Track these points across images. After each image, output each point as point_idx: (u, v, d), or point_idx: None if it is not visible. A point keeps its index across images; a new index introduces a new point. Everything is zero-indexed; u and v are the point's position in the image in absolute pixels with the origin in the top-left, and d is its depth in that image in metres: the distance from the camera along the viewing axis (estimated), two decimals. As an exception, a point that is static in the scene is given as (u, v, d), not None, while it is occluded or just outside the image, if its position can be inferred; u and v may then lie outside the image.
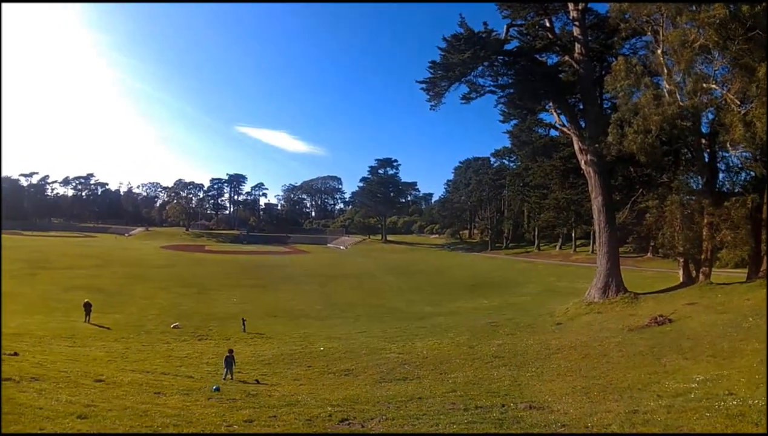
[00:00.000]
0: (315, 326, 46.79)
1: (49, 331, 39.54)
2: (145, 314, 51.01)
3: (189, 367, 28.77)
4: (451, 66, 45.03)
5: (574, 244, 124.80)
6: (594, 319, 38.59)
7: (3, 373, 19.95)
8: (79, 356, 29.79)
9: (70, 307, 50.86)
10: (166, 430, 13.04)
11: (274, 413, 15.84)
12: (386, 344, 34.44)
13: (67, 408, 14.83)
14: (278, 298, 65.52)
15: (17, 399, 15.53)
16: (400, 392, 20.69)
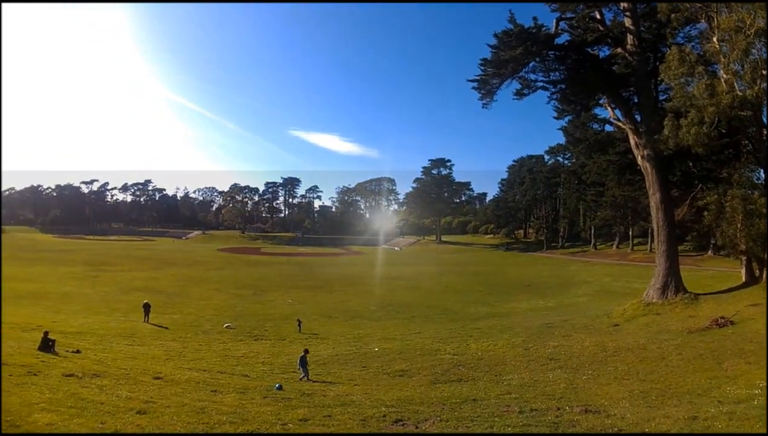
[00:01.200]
0: (370, 326, 46.71)
1: (109, 330, 40.35)
2: (202, 314, 51.65)
3: (245, 366, 29.02)
4: (502, 63, 44.40)
5: (632, 242, 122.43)
6: (652, 320, 37.72)
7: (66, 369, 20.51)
8: (138, 354, 30.40)
9: (130, 307, 51.93)
10: (222, 427, 13.19)
11: (329, 412, 15.92)
12: (441, 345, 34.15)
13: (127, 404, 15.17)
14: (333, 299, 65.60)
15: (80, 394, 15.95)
16: (455, 393, 20.59)
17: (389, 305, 59.80)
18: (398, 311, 55.53)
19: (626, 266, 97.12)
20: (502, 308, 56.20)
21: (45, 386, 16.90)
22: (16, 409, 12.94)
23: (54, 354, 25.78)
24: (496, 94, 47.20)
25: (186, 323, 46.43)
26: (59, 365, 22.54)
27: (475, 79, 46.80)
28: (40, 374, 19.18)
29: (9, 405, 13.22)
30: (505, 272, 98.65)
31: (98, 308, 52.67)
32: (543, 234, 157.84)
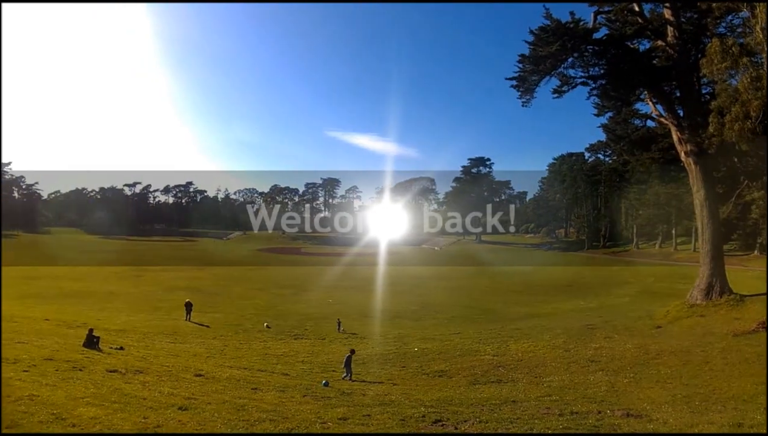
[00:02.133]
0: (409, 326, 46.64)
1: (152, 328, 41.00)
2: (242, 313, 52.12)
3: (285, 365, 29.18)
4: (540, 59, 43.66)
5: (675, 242, 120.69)
6: (696, 322, 37.00)
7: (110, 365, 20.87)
8: (180, 352, 30.80)
9: (172, 306, 52.69)
10: (262, 425, 13.27)
11: (368, 412, 15.92)
12: (480, 346, 33.95)
13: (169, 399, 15.36)
14: (373, 298, 65.37)
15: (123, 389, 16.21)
16: (494, 394, 20.46)
17: (429, 304, 59.63)
18: (438, 311, 55.28)
19: (669, 266, 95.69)
20: (542, 309, 55.66)
21: (90, 381, 17.27)
22: (62, 402, 13.24)
23: (98, 351, 26.31)
24: (536, 91, 46.51)
25: (227, 322, 46.92)
26: (103, 361, 22.97)
27: (514, 76, 46.27)
28: (85, 370, 19.59)
29: (55, 399, 13.54)
30: (546, 272, 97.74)
31: (141, 307, 53.63)
32: (584, 233, 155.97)
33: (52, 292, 61.96)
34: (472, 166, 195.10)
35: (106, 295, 62.08)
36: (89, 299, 58.16)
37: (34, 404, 12.55)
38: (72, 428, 10.81)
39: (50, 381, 16.40)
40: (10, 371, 17.03)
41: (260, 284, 77.76)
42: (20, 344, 24.77)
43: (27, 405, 12.41)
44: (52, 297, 57.65)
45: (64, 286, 67.73)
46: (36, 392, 14.00)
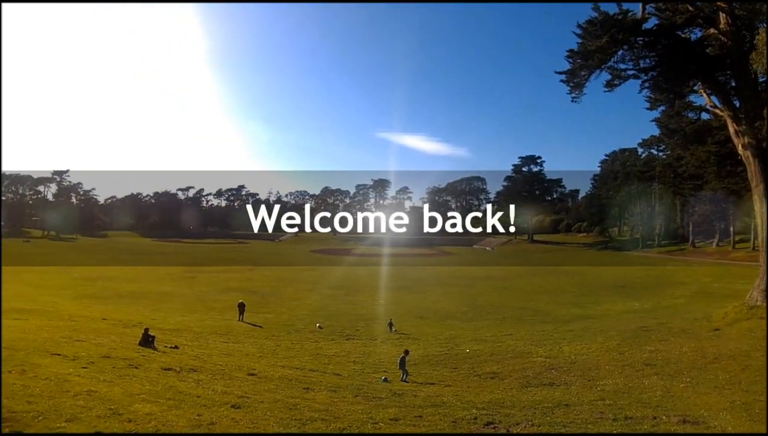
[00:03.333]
0: (461, 327, 46.29)
1: (205, 328, 41.58)
2: (294, 314, 52.53)
3: (336, 365, 29.30)
4: (589, 53, 42.66)
5: (733, 240, 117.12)
6: (756, 325, 35.72)
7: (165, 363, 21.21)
8: (233, 351, 31.18)
9: (225, 306, 53.48)
10: (314, 424, 13.32)
11: (420, 413, 15.85)
12: (532, 348, 33.51)
13: (222, 398, 15.54)
14: (424, 299, 65.42)
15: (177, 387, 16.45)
16: (547, 397, 20.17)
17: (480, 305, 59.25)
18: (489, 312, 54.90)
19: (727, 266, 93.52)
20: (595, 310, 54.84)
21: (145, 379, 17.60)
22: (119, 398, 13.51)
23: (153, 349, 26.83)
24: (586, 86, 45.60)
25: (279, 322, 47.34)
26: (158, 359, 23.39)
27: (563, 71, 45.51)
28: (141, 367, 19.98)
29: (112, 395, 13.82)
30: (599, 272, 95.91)
31: (195, 307, 54.51)
32: (638, 232, 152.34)
33: (109, 292, 63.35)
34: (522, 164, 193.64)
35: (161, 295, 63.26)
36: (144, 299, 59.34)
37: (92, 399, 12.85)
38: (128, 423, 11.01)
39: (107, 378, 16.76)
40: (69, 368, 17.50)
41: (312, 284, 78.24)
42: (79, 342, 25.46)
43: (85, 400, 12.70)
44: (109, 297, 58.96)
45: (120, 287, 69.17)
46: (94, 388, 14.33)
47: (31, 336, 25.21)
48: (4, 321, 31.93)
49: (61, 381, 14.92)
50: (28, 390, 13.07)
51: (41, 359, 18.71)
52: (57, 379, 15.12)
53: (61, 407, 11.69)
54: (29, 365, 17.02)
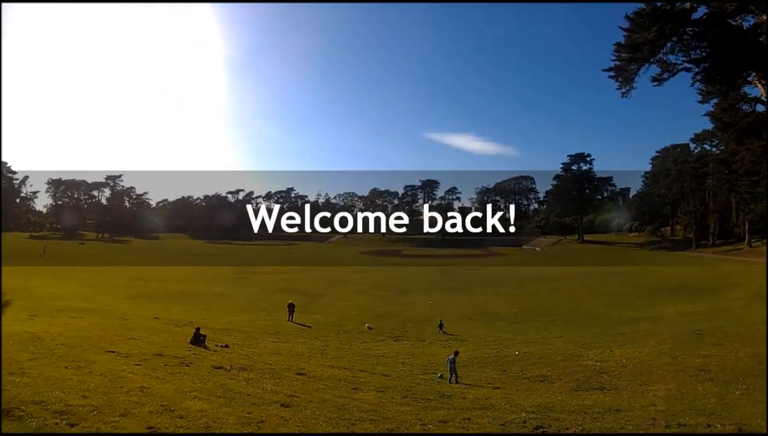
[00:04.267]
0: (510, 329, 45.92)
1: (255, 327, 42.11)
2: (343, 314, 52.76)
3: (385, 366, 29.29)
4: (637, 46, 41.56)
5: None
6: (817, 330, 34.97)
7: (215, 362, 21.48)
8: (282, 351, 31.48)
9: (275, 307, 53.96)
10: (362, 424, 13.35)
11: (468, 415, 15.77)
12: (583, 351, 32.95)
13: (272, 396, 15.68)
14: (473, 300, 64.98)
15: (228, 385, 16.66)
16: (597, 402, 19.83)
17: (530, 307, 58.54)
18: (539, 314, 54.16)
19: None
20: (647, 312, 53.63)
21: (196, 376, 17.90)
22: (171, 395, 13.75)
23: (204, 348, 27.27)
24: (635, 80, 44.54)
25: (328, 323, 47.60)
26: (209, 357, 23.77)
27: (611, 67, 44.59)
28: (192, 365, 20.32)
29: (164, 391, 14.08)
30: (651, 273, 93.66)
31: (245, 307, 55.17)
32: (691, 231, 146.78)
33: (161, 292, 64.44)
34: (571, 162, 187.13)
35: (212, 296, 64.16)
36: (196, 299, 60.25)
37: (144, 396, 13.13)
38: (179, 420, 11.18)
39: (160, 375, 17.10)
40: (123, 365, 17.92)
41: (361, 285, 78.39)
42: (132, 340, 26.02)
43: (138, 396, 12.97)
44: (161, 297, 59.98)
45: (172, 287, 70.33)
46: (147, 385, 14.64)
47: (87, 334, 25.90)
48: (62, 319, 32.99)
49: (116, 377, 15.26)
50: (84, 385, 13.42)
51: (96, 356, 19.20)
52: (111, 375, 15.49)
53: (115, 402, 11.94)
54: (85, 361, 17.47)
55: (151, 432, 10.18)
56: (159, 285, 72.33)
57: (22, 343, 19.91)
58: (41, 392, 11.89)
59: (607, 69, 44.85)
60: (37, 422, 9.66)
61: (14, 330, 23.12)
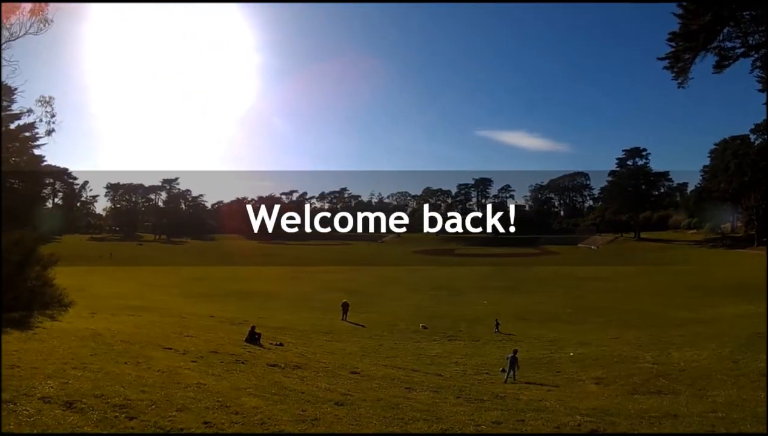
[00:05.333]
0: (565, 329, 45.20)
1: (310, 326, 42.43)
2: (397, 314, 52.79)
3: (438, 366, 29.25)
4: (692, 34, 40.02)
5: None
6: None
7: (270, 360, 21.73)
8: (336, 350, 31.66)
9: (329, 306, 54.29)
10: (416, 424, 13.31)
11: (522, 417, 15.56)
12: (639, 353, 32.31)
13: (326, 395, 15.76)
14: (527, 300, 64.64)
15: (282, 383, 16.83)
16: (654, 406, 19.33)
17: (585, 307, 57.83)
18: (594, 314, 53.41)
19: None
20: (706, 313, 52.12)
21: (252, 374, 18.16)
22: (227, 391, 13.96)
23: (259, 346, 27.68)
24: (691, 70, 43.12)
25: (382, 322, 47.69)
26: (264, 355, 24.09)
27: (666, 56, 43.29)
28: (247, 363, 20.61)
29: (220, 388, 14.31)
30: (710, 272, 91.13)
31: (299, 306, 55.79)
32: (753, 228, 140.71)
33: (217, 291, 65.57)
34: (627, 157, 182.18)
35: (267, 295, 65.01)
36: (251, 298, 61.18)
37: (201, 392, 13.34)
38: (235, 415, 11.33)
39: (215, 372, 17.38)
40: (180, 361, 18.30)
41: (415, 285, 78.51)
42: (188, 337, 26.55)
43: (195, 392, 13.20)
44: (217, 296, 61.04)
45: (227, 286, 71.49)
46: (203, 381, 14.90)
47: (145, 331, 26.51)
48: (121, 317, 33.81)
49: (173, 373, 15.57)
50: (142, 380, 13.72)
51: (154, 352, 19.63)
52: (169, 371, 15.81)
53: (173, 397, 12.17)
54: (143, 357, 17.88)
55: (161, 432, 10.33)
56: (215, 284, 73.69)
57: (84, 339, 20.47)
58: (101, 386, 12.21)
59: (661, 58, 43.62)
60: (98, 414, 9.92)
61: (76, 327, 23.86)
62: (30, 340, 18.79)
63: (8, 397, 10.25)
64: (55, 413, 9.66)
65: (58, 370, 13.79)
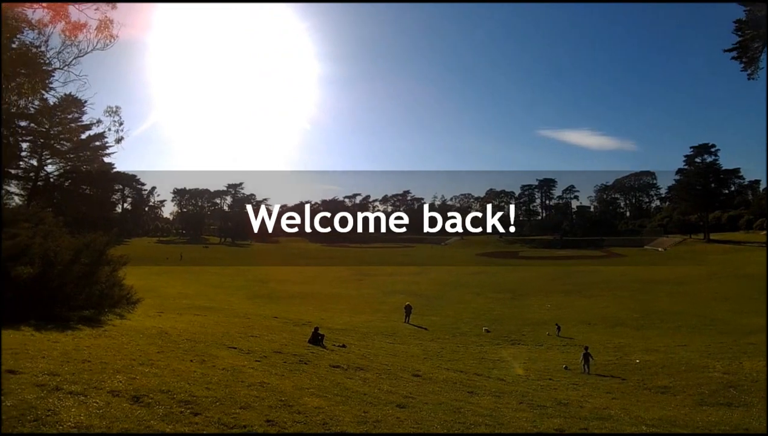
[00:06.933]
0: (631, 335, 44.43)
1: (372, 328, 42.69)
2: (460, 317, 52.61)
3: (501, 370, 29.05)
4: (760, 21, 38.60)
5: None
6: None
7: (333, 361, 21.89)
8: (398, 352, 31.77)
9: (391, 308, 54.59)
10: (478, 429, 13.22)
11: (585, 425, 15.32)
12: (709, 361, 31.34)
13: (388, 397, 15.80)
14: (593, 304, 63.30)
15: (345, 384, 16.94)
16: (723, 419, 18.68)
17: (652, 312, 56.33)
18: (662, 320, 52.04)
19: None
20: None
21: (314, 374, 18.31)
22: (289, 391, 14.10)
23: (322, 347, 28.00)
24: (761, 60, 41.41)
25: (444, 325, 47.59)
26: (327, 356, 24.30)
27: (733, 47, 41.77)
28: (310, 364, 20.81)
29: (283, 387, 14.47)
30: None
31: (362, 308, 56.05)
32: None
33: (281, 293, 66.43)
34: (695, 154, 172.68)
35: (330, 297, 65.51)
36: (314, 300, 61.76)
37: (264, 390, 13.51)
38: (297, 415, 11.41)
39: (279, 371, 17.60)
40: (244, 360, 18.62)
41: (478, 288, 77.94)
42: (253, 337, 27.02)
43: (258, 391, 13.37)
44: (281, 298, 61.86)
45: (291, 288, 72.42)
46: (266, 380, 15.08)
47: (210, 330, 27.04)
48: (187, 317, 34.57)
49: (237, 372, 15.81)
50: (207, 378, 13.97)
51: (219, 351, 19.99)
52: (233, 370, 16.07)
53: (236, 395, 12.35)
54: (208, 356, 18.23)
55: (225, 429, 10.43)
56: (278, 286, 74.67)
57: (151, 337, 20.99)
58: (168, 383, 12.47)
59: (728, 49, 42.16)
60: (164, 409, 10.13)
61: (144, 325, 24.54)
62: (100, 336, 19.43)
63: (79, 389, 10.61)
64: (122, 407, 9.90)
65: (127, 366, 14.18)
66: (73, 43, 30.11)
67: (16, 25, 30.52)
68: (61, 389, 10.46)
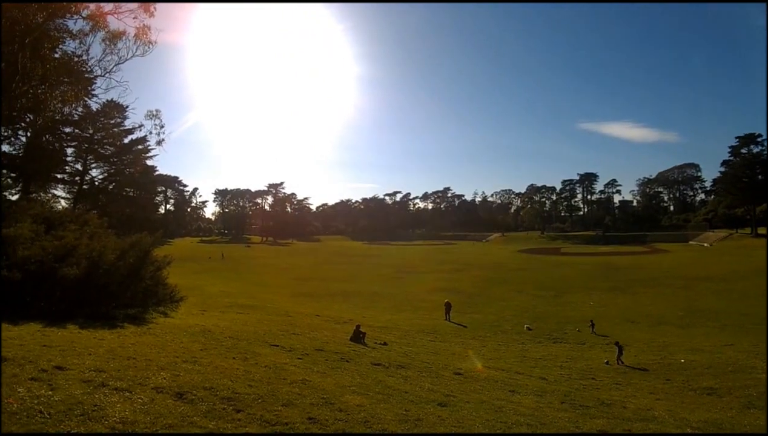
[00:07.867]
0: (675, 334, 43.52)
1: (413, 326, 42.60)
2: (501, 314, 52.21)
3: (542, 369, 28.74)
4: None
5: None
6: None
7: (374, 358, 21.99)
8: (439, 350, 31.67)
9: (432, 306, 54.45)
10: (519, 428, 13.13)
11: (629, 426, 15.15)
12: (757, 362, 30.42)
13: (429, 395, 15.78)
14: (636, 302, 62.22)
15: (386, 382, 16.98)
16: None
17: (698, 310, 55.28)
18: (708, 318, 51.02)
19: None
20: (833, 320, 49.21)
21: (356, 372, 18.40)
22: (331, 388, 14.16)
23: (364, 345, 28.10)
24: None
25: (485, 323, 47.31)
26: (368, 354, 24.38)
27: None
28: (352, 361, 20.90)
29: (324, 385, 14.53)
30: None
31: (403, 306, 56.04)
32: None
33: (322, 291, 66.77)
34: (741, 145, 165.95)
35: (371, 295, 65.64)
36: (355, 298, 61.96)
37: (306, 388, 13.58)
38: (339, 412, 11.44)
39: (320, 369, 17.70)
40: (285, 358, 18.78)
41: (519, 285, 77.35)
42: (294, 335, 27.23)
43: (300, 388, 13.44)
44: (322, 296, 62.17)
45: (332, 286, 72.74)
46: (308, 378, 15.17)
47: (252, 328, 27.33)
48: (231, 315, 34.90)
49: (279, 369, 15.93)
50: (249, 375, 14.10)
51: (261, 349, 20.20)
52: (275, 367, 16.21)
53: (278, 392, 12.43)
54: (251, 353, 18.41)
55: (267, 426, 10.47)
56: (320, 284, 75.06)
57: (194, 335, 21.26)
58: (211, 379, 12.61)
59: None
60: (207, 405, 10.24)
61: (187, 323, 24.86)
62: (145, 334, 19.76)
63: (125, 386, 10.82)
64: (166, 403, 10.04)
65: (171, 363, 14.41)
66: (113, 51, 30.82)
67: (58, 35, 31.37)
68: (106, 385, 10.68)
